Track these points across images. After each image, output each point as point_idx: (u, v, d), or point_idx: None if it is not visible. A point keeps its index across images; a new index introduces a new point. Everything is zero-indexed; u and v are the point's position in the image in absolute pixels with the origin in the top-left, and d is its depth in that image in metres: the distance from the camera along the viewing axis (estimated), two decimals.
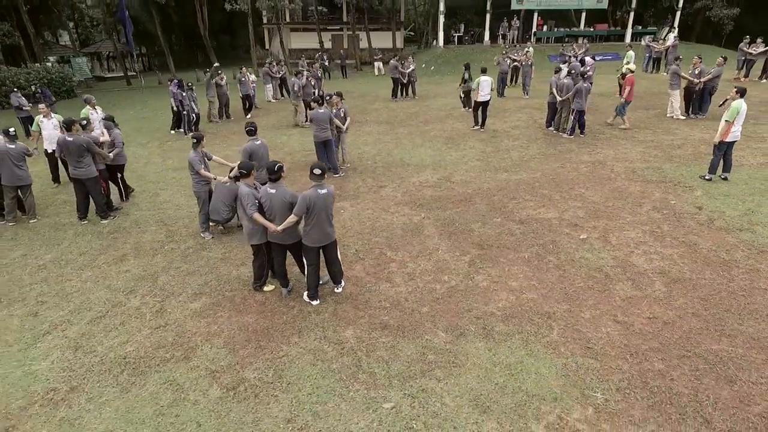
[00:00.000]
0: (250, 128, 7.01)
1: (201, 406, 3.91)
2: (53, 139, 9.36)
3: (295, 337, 4.74)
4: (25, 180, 7.66)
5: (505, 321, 4.85)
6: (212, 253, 6.54)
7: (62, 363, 4.48)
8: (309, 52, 38.63)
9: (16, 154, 7.48)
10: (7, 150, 7.40)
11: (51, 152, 9.37)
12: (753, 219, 6.82)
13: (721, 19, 28.60)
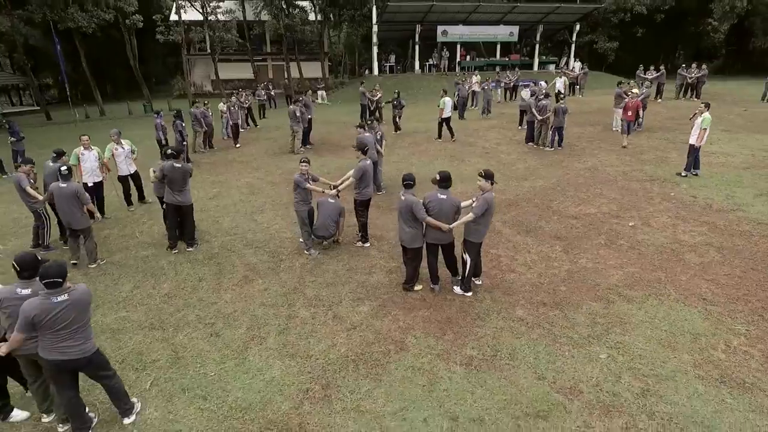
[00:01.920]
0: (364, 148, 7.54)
1: (457, 379, 4.52)
2: (94, 171, 8.97)
3: (479, 321, 5.48)
4: (80, 223, 7.02)
5: (631, 288, 6.05)
6: (334, 266, 6.95)
7: (291, 368, 4.75)
8: (234, 82, 38.25)
9: (69, 195, 6.88)
10: (60, 190, 6.96)
11: (91, 186, 8.89)
12: (736, 201, 8.89)
13: (605, 51, 33.93)
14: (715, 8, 29.77)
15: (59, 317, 3.55)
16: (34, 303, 3.52)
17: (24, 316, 3.48)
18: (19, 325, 3.52)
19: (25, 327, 3.52)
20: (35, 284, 3.74)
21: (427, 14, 29.02)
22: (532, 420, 4.01)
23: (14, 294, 3.73)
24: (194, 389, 4.49)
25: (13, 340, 3.60)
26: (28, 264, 3.76)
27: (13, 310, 3.67)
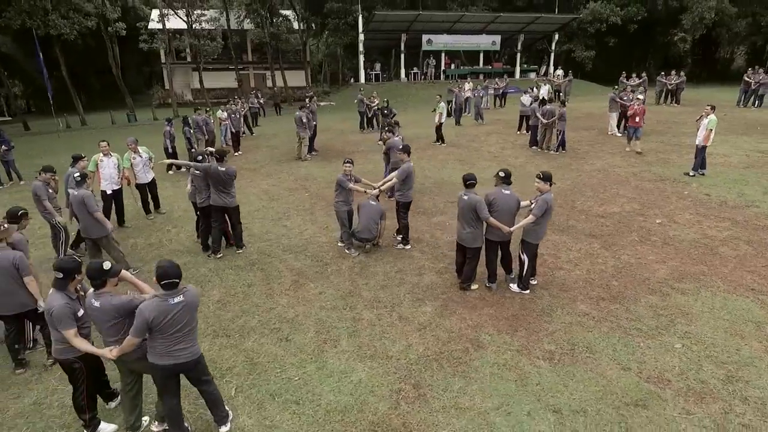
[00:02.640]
0: (408, 149, 7.54)
1: (545, 373, 4.56)
2: (113, 178, 8.68)
3: (545, 317, 5.55)
4: (93, 231, 6.61)
5: (680, 281, 6.24)
6: (382, 269, 6.91)
7: (375, 370, 4.69)
8: (216, 91, 37.80)
9: (78, 202, 6.48)
10: (73, 197, 6.56)
11: (110, 193, 8.59)
12: (748, 198, 9.31)
13: (583, 59, 35.09)
14: (685, 19, 31.23)
15: (175, 319, 3.44)
16: (151, 305, 3.39)
17: (142, 318, 3.35)
18: (135, 329, 3.38)
19: (141, 331, 3.38)
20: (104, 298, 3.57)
21: (412, 23, 29.42)
22: (632, 409, 4.07)
23: (90, 305, 3.56)
24: (283, 394, 4.38)
25: (127, 343, 3.45)
26: (96, 272, 3.56)
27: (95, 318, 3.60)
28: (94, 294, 3.53)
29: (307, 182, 11.77)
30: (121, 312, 3.51)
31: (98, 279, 3.49)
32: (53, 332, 3.61)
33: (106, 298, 3.51)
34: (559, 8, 34.11)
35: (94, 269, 3.48)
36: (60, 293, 3.60)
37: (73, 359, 3.70)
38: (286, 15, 33.18)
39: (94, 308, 3.50)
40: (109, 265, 3.55)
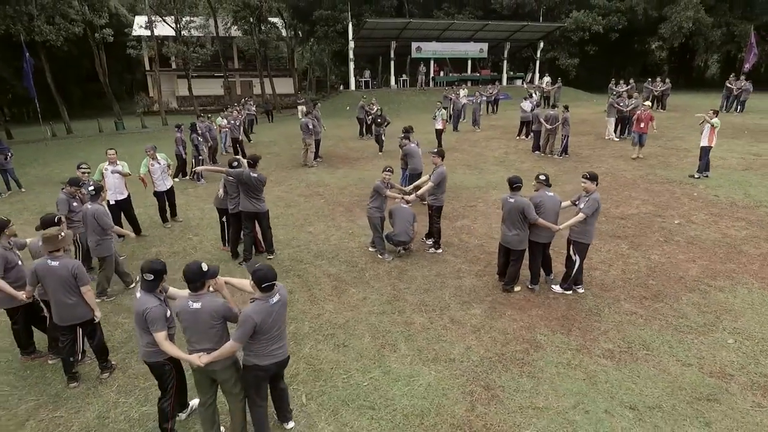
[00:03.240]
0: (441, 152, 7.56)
1: (611, 371, 4.62)
2: (118, 188, 8.43)
3: (594, 317, 5.63)
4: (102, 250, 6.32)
5: (714, 279, 6.42)
6: (420, 273, 6.91)
7: (442, 373, 4.68)
8: (203, 98, 37.37)
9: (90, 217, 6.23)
10: (87, 211, 6.28)
11: (114, 203, 8.29)
12: (755, 199, 9.64)
13: (566, 67, 35.90)
14: (664, 28, 32.30)
15: (276, 319, 3.48)
16: (257, 309, 3.36)
17: (251, 323, 3.32)
18: (242, 335, 3.32)
19: (247, 336, 3.34)
20: (205, 299, 3.50)
21: (402, 31, 29.63)
22: (705, 403, 4.16)
23: (186, 307, 3.47)
24: (355, 400, 4.32)
25: (228, 349, 3.38)
26: (189, 278, 3.48)
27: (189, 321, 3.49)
28: (192, 296, 3.44)
29: (319, 188, 11.70)
30: (222, 315, 3.44)
31: (197, 281, 3.41)
32: (142, 335, 3.51)
33: (208, 300, 3.43)
34: (544, 17, 34.87)
35: (192, 271, 3.40)
36: (150, 295, 3.51)
37: (164, 361, 3.63)
38: (274, 22, 33.04)
39: (192, 311, 3.40)
40: (207, 267, 3.46)
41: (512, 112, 25.15)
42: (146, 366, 3.81)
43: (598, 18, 34.29)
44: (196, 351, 3.48)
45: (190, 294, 3.46)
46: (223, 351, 3.40)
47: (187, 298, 3.47)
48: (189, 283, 3.43)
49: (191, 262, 3.48)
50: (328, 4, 33.70)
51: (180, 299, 3.55)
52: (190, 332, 3.47)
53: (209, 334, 3.45)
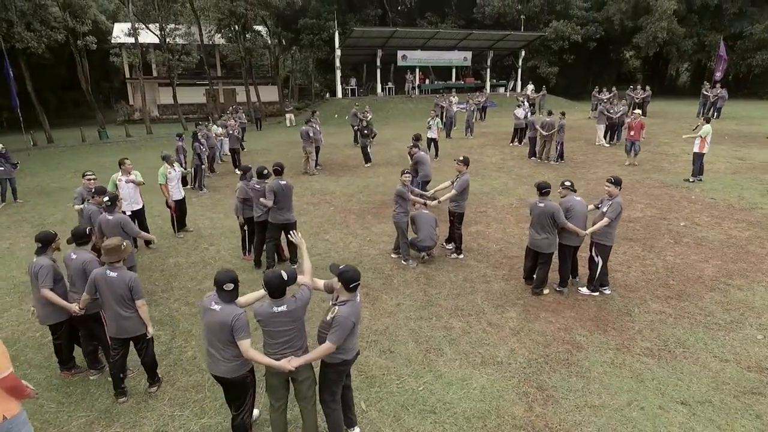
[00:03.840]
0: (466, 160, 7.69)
1: (655, 368, 4.79)
2: (133, 198, 8.29)
3: (625, 317, 5.82)
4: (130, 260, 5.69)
5: (731, 278, 6.71)
6: (448, 278, 6.99)
7: (493, 375, 4.76)
8: (185, 107, 36.80)
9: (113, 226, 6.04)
10: (108, 222, 6.12)
11: (130, 214, 8.12)
12: (750, 201, 10.10)
13: (547, 75, 36.80)
14: (640, 37, 33.49)
15: (359, 318, 3.52)
16: (351, 309, 3.46)
17: (349, 325, 3.42)
18: (340, 336, 3.38)
19: (344, 337, 3.43)
20: (288, 300, 3.53)
21: (388, 39, 29.90)
22: (752, 396, 4.35)
23: (270, 312, 3.47)
24: (414, 405, 4.36)
25: (324, 351, 3.45)
26: (274, 285, 3.49)
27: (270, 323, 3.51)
28: (273, 301, 3.45)
29: (326, 196, 11.70)
30: (303, 313, 3.52)
31: (279, 289, 3.42)
32: (225, 348, 3.47)
33: (293, 302, 3.49)
34: (524, 26, 35.74)
35: (276, 284, 3.40)
36: (233, 305, 3.49)
37: (246, 373, 3.60)
38: (258, 30, 32.90)
39: (278, 313, 3.41)
40: (287, 275, 3.47)
41: (499, 119, 25.76)
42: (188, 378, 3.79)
43: (576, 28, 35.34)
44: (283, 356, 3.47)
45: (272, 300, 3.47)
46: (319, 352, 3.44)
47: (269, 303, 3.47)
48: (273, 294, 3.43)
49: (271, 274, 3.47)
50: (313, 12, 33.85)
51: (260, 304, 3.55)
52: (275, 336, 3.46)
53: (296, 335, 3.50)
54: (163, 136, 25.56)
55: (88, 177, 7.26)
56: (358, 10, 35.55)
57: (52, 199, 12.38)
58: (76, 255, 4.63)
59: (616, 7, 34.76)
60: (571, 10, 36.11)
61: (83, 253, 4.68)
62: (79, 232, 4.74)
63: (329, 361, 3.60)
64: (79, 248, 4.72)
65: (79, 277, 4.57)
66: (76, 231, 4.76)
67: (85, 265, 4.53)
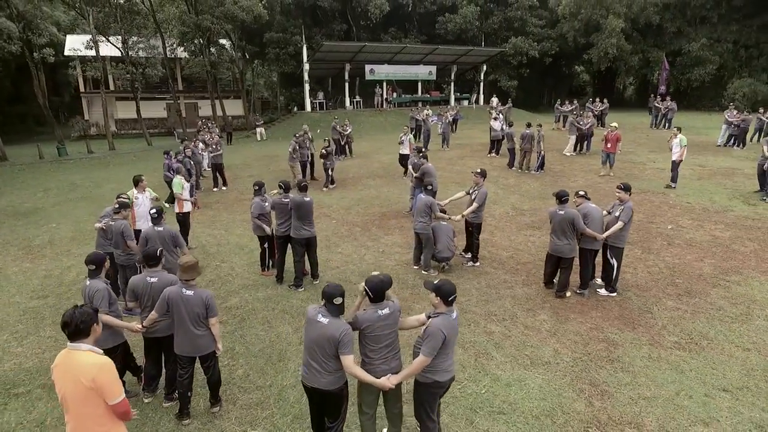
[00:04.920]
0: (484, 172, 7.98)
1: (689, 360, 5.19)
2: (149, 216, 8.05)
3: (647, 314, 6.25)
4: None
5: (727, 275, 7.33)
6: (471, 285, 7.22)
7: (545, 375, 5.01)
8: (146, 121, 35.62)
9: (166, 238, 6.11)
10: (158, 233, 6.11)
11: None
12: (721, 204, 11.02)
13: (507, 88, 38.35)
14: (593, 53, 35.64)
15: (456, 333, 3.64)
16: (444, 322, 3.51)
17: (441, 337, 3.45)
18: (433, 348, 3.44)
19: (437, 349, 3.47)
20: (388, 304, 3.67)
21: (357, 54, 30.27)
22: None
23: (376, 316, 3.58)
24: (482, 407, 4.53)
25: (419, 365, 3.50)
26: (379, 289, 3.61)
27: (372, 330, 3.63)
28: (376, 306, 3.56)
29: (323, 209, 11.70)
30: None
31: (382, 292, 3.56)
32: (327, 361, 3.50)
33: (392, 305, 3.61)
34: (484, 42, 37.22)
35: (380, 288, 3.56)
36: (340, 318, 3.54)
37: (343, 385, 3.64)
38: (223, 44, 32.46)
39: (383, 316, 3.54)
40: (386, 278, 3.62)
41: (469, 131, 26.53)
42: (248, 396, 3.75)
43: (533, 44, 37.12)
44: (379, 370, 3.56)
45: (375, 305, 3.56)
46: (414, 367, 3.52)
47: (373, 308, 3.56)
48: (376, 299, 3.53)
49: (374, 279, 3.58)
50: (279, 27, 33.77)
51: (362, 312, 3.63)
52: (380, 341, 3.54)
53: (394, 339, 3.62)
54: (128, 152, 24.65)
55: (122, 199, 6.97)
56: (323, 24, 35.79)
57: (30, 220, 11.71)
58: (157, 277, 4.47)
59: (570, 25, 36.84)
60: (527, 28, 37.92)
61: (165, 274, 4.54)
62: (150, 253, 4.58)
63: (421, 380, 3.66)
64: (153, 270, 4.55)
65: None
66: (147, 253, 4.60)
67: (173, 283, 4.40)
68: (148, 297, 4.49)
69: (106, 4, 25.30)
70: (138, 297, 4.55)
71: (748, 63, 35.70)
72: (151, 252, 4.59)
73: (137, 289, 4.53)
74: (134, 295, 4.55)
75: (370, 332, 3.56)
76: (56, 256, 9.02)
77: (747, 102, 31.15)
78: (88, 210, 12.27)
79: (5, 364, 5.45)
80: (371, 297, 3.56)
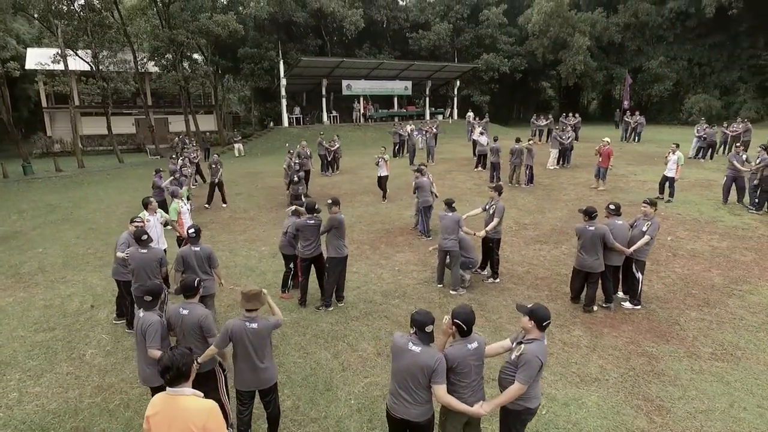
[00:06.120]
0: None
1: (731, 371, 5.33)
2: (162, 238, 7.73)
3: (676, 326, 6.41)
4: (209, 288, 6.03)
5: (737, 284, 7.63)
6: (498, 302, 7.23)
7: (599, 392, 5.03)
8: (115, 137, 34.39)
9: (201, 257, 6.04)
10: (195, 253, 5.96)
11: None
12: (710, 215, 11.51)
13: (480, 103, 39.22)
14: (562, 69, 37.05)
15: (546, 360, 3.60)
16: (541, 349, 3.48)
17: (538, 364, 3.42)
18: (530, 376, 3.41)
19: (533, 377, 3.44)
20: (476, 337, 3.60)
21: (334, 69, 30.32)
22: None
23: (467, 350, 3.49)
24: (547, 428, 4.50)
25: (518, 391, 3.42)
26: (471, 321, 3.53)
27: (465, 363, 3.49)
28: (465, 340, 3.48)
29: (369, 220, 11.51)
30: None
31: (472, 324, 3.45)
32: (419, 391, 3.37)
33: (479, 337, 3.57)
34: (457, 58, 38.07)
35: (471, 317, 3.47)
36: (432, 346, 3.42)
37: (431, 417, 3.52)
38: (196, 59, 31.83)
39: (473, 350, 3.46)
40: (471, 309, 3.55)
41: (447, 145, 26.90)
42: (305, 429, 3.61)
43: (504, 60, 38.22)
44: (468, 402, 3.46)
45: (464, 339, 3.47)
46: (509, 394, 3.44)
47: (462, 342, 3.47)
48: (467, 332, 3.45)
49: (466, 310, 3.50)
50: (253, 42, 33.46)
51: (450, 347, 3.52)
52: (468, 376, 3.45)
53: (480, 376, 3.53)
54: (99, 170, 23.63)
55: (137, 224, 6.62)
56: (298, 40, 35.72)
57: (11, 245, 10.96)
58: (188, 310, 4.23)
59: (539, 42, 38.16)
60: (498, 44, 39.04)
61: (196, 307, 4.29)
62: (188, 284, 4.33)
63: (512, 408, 3.59)
64: (188, 302, 4.31)
65: (192, 333, 4.18)
66: (185, 284, 4.34)
67: (201, 320, 4.16)
68: (180, 330, 4.26)
69: (75, 17, 24.40)
70: (172, 328, 4.31)
71: (701, 80, 37.92)
72: (189, 283, 4.33)
73: (171, 319, 4.30)
74: (170, 324, 4.30)
75: (461, 369, 3.45)
76: (51, 284, 8.45)
77: (703, 116, 33.02)
78: (74, 233, 11.63)
79: (26, 405, 5.02)
80: (463, 331, 3.47)
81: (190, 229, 5.97)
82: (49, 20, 23.02)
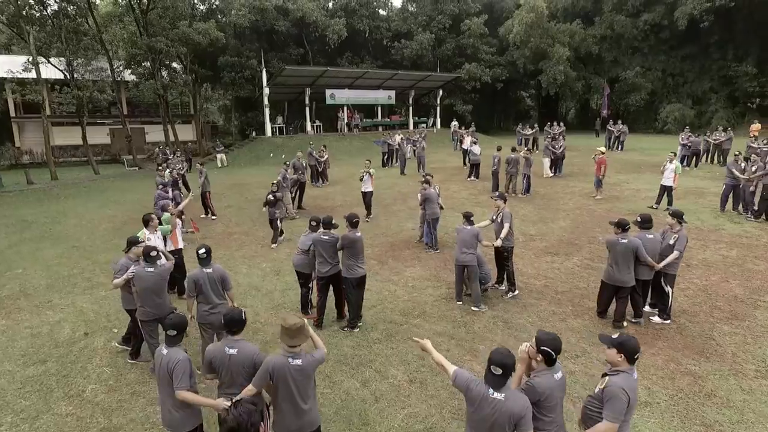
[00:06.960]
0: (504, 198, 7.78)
1: (761, 389, 5.15)
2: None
3: (710, 341, 6.23)
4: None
5: (759, 295, 7.53)
6: (523, 320, 6.94)
7: (658, 416, 4.75)
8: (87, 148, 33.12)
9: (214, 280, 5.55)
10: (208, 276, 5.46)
11: None
12: (711, 223, 11.56)
13: (462, 112, 39.41)
14: (543, 79, 37.57)
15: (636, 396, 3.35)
16: (627, 382, 3.19)
17: (626, 399, 3.13)
18: (618, 408, 3.12)
19: (623, 413, 3.13)
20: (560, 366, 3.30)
21: (318, 78, 29.94)
22: None
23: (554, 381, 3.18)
24: None
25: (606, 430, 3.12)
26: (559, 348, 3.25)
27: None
28: (550, 369, 3.20)
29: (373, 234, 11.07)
30: None
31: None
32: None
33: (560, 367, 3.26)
34: (439, 68, 38.19)
35: (558, 346, 3.17)
36: (518, 392, 3.06)
37: None
38: (175, 68, 30.98)
39: (559, 381, 3.19)
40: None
41: (434, 154, 26.71)
42: None
43: (485, 70, 38.55)
44: None
45: (550, 368, 3.15)
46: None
47: (547, 372, 3.14)
48: (555, 360, 3.12)
49: (549, 337, 3.17)
50: (234, 51, 32.80)
51: (542, 378, 3.18)
52: (555, 410, 3.12)
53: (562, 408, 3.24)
54: (74, 182, 22.52)
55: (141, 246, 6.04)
56: (279, 49, 35.22)
57: None
58: (236, 349, 3.73)
59: (520, 53, 38.65)
60: (479, 54, 39.35)
61: (245, 344, 3.79)
62: (234, 318, 3.81)
63: None
64: (235, 339, 3.80)
65: (241, 373, 3.69)
66: (231, 318, 3.80)
67: (256, 359, 3.68)
68: (227, 371, 3.76)
69: (48, 23, 23.37)
70: (216, 369, 3.81)
71: (675, 90, 38.98)
72: (237, 317, 3.83)
73: (215, 360, 3.78)
74: (212, 367, 3.80)
75: (548, 402, 3.11)
76: (36, 310, 7.74)
77: (678, 125, 33.85)
78: (55, 251, 10.83)
79: None
80: (551, 359, 3.12)
81: (200, 250, 5.44)
82: (20, 26, 21.92)
